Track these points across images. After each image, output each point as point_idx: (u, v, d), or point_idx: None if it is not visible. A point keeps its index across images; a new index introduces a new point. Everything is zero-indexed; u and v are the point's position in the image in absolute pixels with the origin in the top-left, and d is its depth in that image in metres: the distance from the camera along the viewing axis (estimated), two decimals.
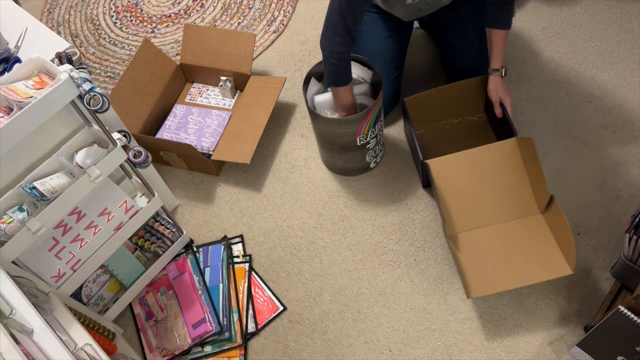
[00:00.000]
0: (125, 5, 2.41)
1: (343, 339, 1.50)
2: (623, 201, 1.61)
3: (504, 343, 1.44)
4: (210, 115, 1.91)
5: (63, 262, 1.35)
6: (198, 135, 1.86)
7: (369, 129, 1.56)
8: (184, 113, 1.93)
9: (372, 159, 1.72)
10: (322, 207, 1.72)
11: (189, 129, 1.88)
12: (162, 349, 1.52)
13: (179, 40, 2.24)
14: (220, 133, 1.86)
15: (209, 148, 1.82)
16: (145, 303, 1.60)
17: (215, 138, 1.84)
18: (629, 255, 1.31)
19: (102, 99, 1.17)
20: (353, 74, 1.60)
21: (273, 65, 2.09)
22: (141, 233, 1.63)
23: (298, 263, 1.63)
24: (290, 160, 1.84)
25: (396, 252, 1.61)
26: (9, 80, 1.15)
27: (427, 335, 1.47)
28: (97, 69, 2.20)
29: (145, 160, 1.38)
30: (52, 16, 2.43)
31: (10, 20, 1.55)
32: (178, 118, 1.92)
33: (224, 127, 1.87)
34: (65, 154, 1.24)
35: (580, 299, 1.47)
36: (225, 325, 1.53)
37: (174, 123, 1.91)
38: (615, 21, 2.00)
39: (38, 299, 1.21)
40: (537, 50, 1.96)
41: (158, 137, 1.88)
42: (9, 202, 1.17)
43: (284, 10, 2.26)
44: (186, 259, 1.65)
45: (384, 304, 1.53)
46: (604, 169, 1.67)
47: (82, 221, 1.37)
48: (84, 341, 1.17)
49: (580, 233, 1.57)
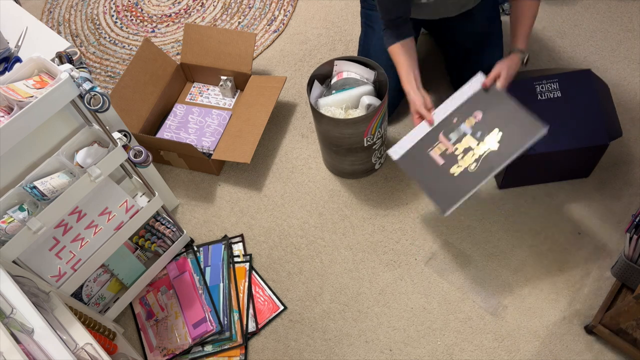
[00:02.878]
0: (126, 5, 2.41)
1: (343, 339, 1.50)
2: (623, 200, 1.61)
3: (504, 343, 1.44)
4: (210, 114, 1.91)
5: (63, 261, 1.35)
6: (198, 134, 1.86)
7: (376, 129, 1.55)
8: (184, 112, 1.93)
9: (377, 160, 1.72)
10: (323, 207, 1.72)
11: (189, 129, 1.88)
12: (162, 348, 1.52)
13: (179, 39, 2.24)
14: (220, 132, 1.86)
15: (210, 147, 1.82)
16: (145, 302, 1.60)
17: (216, 137, 1.85)
18: (629, 254, 1.31)
19: (102, 98, 1.17)
20: (356, 75, 1.60)
21: (273, 65, 2.09)
22: (142, 232, 1.63)
23: (298, 262, 1.63)
24: (290, 159, 1.84)
25: (396, 252, 1.61)
26: (10, 80, 1.15)
27: (427, 335, 1.47)
28: (98, 69, 2.20)
29: (146, 159, 1.38)
30: (53, 16, 2.43)
31: (10, 20, 1.55)
32: (178, 117, 1.92)
33: (224, 126, 1.88)
34: (66, 154, 1.24)
35: (580, 298, 1.47)
36: (225, 325, 1.53)
37: (175, 122, 1.91)
38: (616, 20, 2.00)
39: (39, 298, 1.21)
40: (538, 50, 1.96)
41: (158, 136, 1.88)
42: (10, 202, 1.17)
43: (284, 9, 2.26)
44: (187, 259, 1.65)
45: (384, 303, 1.53)
46: (604, 168, 1.67)
47: (83, 221, 1.37)
48: (84, 341, 1.17)
49: (581, 232, 1.57)
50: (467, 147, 1.39)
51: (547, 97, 1.49)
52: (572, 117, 1.48)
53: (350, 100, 1.57)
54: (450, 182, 1.37)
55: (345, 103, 1.58)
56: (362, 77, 1.60)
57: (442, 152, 1.40)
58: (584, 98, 1.48)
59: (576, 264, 1.53)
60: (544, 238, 1.58)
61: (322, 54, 2.07)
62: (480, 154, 1.37)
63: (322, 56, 2.06)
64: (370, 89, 1.58)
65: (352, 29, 2.13)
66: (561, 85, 1.50)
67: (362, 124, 1.51)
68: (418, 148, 1.43)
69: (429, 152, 1.42)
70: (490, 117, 1.38)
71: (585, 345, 1.41)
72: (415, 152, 1.44)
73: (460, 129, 1.40)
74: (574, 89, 1.49)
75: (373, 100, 1.56)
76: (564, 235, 1.57)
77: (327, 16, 2.20)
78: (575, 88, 1.49)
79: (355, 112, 1.58)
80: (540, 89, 1.50)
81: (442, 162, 1.40)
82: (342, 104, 1.58)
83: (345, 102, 1.57)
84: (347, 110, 1.59)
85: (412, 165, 1.43)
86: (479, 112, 1.40)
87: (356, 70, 1.60)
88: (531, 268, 1.53)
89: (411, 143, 1.44)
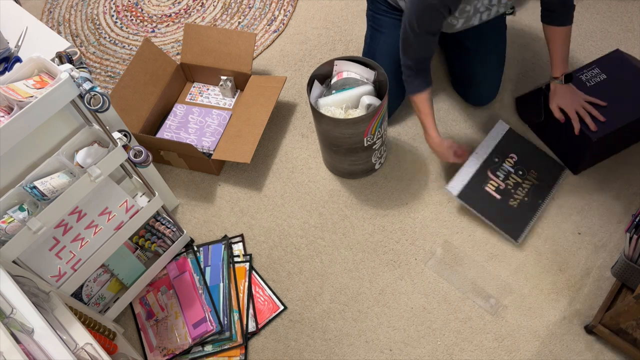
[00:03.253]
0: (126, 5, 2.41)
1: (343, 338, 1.50)
2: (624, 200, 1.61)
3: (505, 343, 1.44)
4: (210, 114, 1.91)
5: (64, 261, 1.35)
6: (199, 134, 1.86)
7: (376, 128, 1.55)
8: (184, 112, 1.93)
9: (377, 160, 1.72)
10: (323, 207, 1.72)
11: (189, 129, 1.88)
12: (162, 348, 1.52)
13: (179, 39, 2.24)
14: (220, 132, 1.86)
15: (210, 147, 1.82)
16: (145, 302, 1.60)
17: (216, 137, 1.85)
18: (629, 254, 1.31)
19: (102, 98, 1.17)
20: (355, 75, 1.59)
21: (273, 65, 2.09)
22: (142, 232, 1.63)
23: (298, 262, 1.63)
24: (290, 159, 1.84)
25: (396, 252, 1.61)
26: (10, 80, 1.15)
27: (427, 335, 1.47)
28: (98, 69, 2.20)
29: (146, 159, 1.38)
30: (53, 16, 2.43)
31: (10, 20, 1.55)
32: (179, 117, 1.92)
33: (224, 126, 1.88)
34: (66, 154, 1.24)
35: (580, 298, 1.47)
36: (225, 325, 1.53)
37: (175, 122, 1.91)
38: (616, 20, 2.00)
39: (39, 298, 1.21)
40: (538, 49, 1.96)
41: (158, 136, 1.88)
42: (10, 202, 1.17)
43: (284, 9, 2.26)
44: (187, 259, 1.65)
45: (384, 303, 1.53)
46: (604, 168, 1.67)
47: (83, 221, 1.37)
48: (84, 340, 1.17)
49: (581, 232, 1.57)
50: (516, 182, 1.62)
51: (595, 82, 1.60)
52: (626, 92, 1.58)
53: (350, 100, 1.57)
54: (514, 214, 1.59)
55: (345, 103, 1.58)
56: (362, 77, 1.60)
57: (497, 188, 1.61)
58: (628, 74, 1.61)
59: (576, 264, 1.53)
60: (544, 238, 1.58)
61: (322, 54, 2.07)
62: (528, 188, 1.62)
63: (322, 56, 2.06)
64: (370, 89, 1.58)
65: (352, 29, 2.13)
66: (602, 69, 1.63)
67: (362, 124, 1.51)
68: (473, 184, 1.61)
69: (485, 188, 1.61)
70: (523, 159, 1.66)
71: (585, 345, 1.41)
72: (471, 188, 1.61)
73: (504, 167, 1.64)
74: (615, 69, 1.63)
75: (373, 100, 1.56)
76: (564, 235, 1.57)
77: (327, 16, 2.20)
78: (615, 68, 1.63)
79: (355, 112, 1.58)
80: (585, 77, 1.61)
81: (499, 197, 1.60)
82: (342, 103, 1.58)
83: (345, 102, 1.57)
84: (347, 110, 1.59)
85: (473, 200, 1.60)
86: (513, 155, 1.66)
87: (356, 70, 1.60)
88: (531, 268, 1.53)
89: (465, 179, 1.62)
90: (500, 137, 1.68)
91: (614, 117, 1.52)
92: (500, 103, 1.85)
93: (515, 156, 1.66)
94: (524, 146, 1.69)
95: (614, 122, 1.52)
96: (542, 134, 1.74)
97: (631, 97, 1.56)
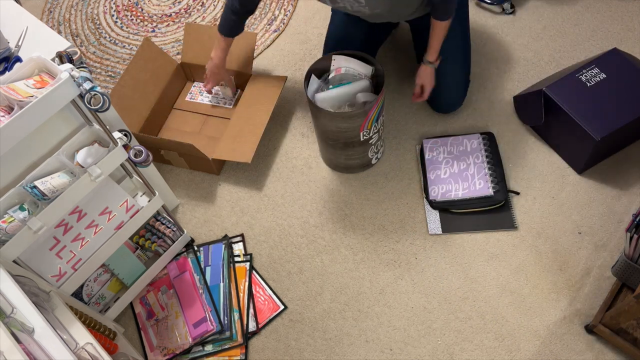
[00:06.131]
0: (126, 5, 2.41)
1: (344, 338, 1.50)
2: (624, 200, 1.61)
3: (505, 342, 1.44)
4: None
5: (64, 261, 1.35)
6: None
7: (372, 123, 1.56)
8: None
9: (374, 155, 1.72)
10: (323, 206, 1.72)
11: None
12: (162, 348, 1.52)
13: (179, 39, 2.24)
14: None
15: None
16: (146, 302, 1.60)
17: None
18: (630, 254, 1.31)
19: (102, 98, 1.17)
20: (353, 71, 1.60)
21: (274, 65, 2.09)
22: (142, 232, 1.63)
23: (299, 262, 1.63)
24: (291, 159, 1.84)
25: (397, 251, 1.61)
26: (10, 80, 1.15)
27: (428, 334, 1.47)
28: (98, 68, 2.20)
29: (146, 159, 1.38)
30: (53, 15, 2.43)
31: (10, 20, 1.55)
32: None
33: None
34: (66, 153, 1.25)
35: (581, 298, 1.47)
36: (226, 325, 1.53)
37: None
38: (617, 19, 2.00)
39: (39, 298, 1.21)
40: (539, 49, 1.96)
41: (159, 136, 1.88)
42: (10, 202, 1.17)
43: (284, 9, 2.25)
44: (187, 258, 1.65)
45: (384, 302, 1.53)
46: (604, 167, 1.67)
47: (83, 220, 1.37)
48: (85, 340, 1.18)
49: (581, 232, 1.57)
50: None
51: (595, 82, 1.60)
52: (627, 90, 1.58)
53: (347, 95, 1.58)
54: None
55: (342, 98, 1.58)
56: (359, 72, 1.61)
57: None
58: (627, 72, 1.61)
59: (576, 264, 1.53)
60: (544, 238, 1.58)
61: (322, 54, 2.07)
62: None
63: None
64: (367, 84, 1.59)
65: None
66: (601, 68, 1.62)
67: (358, 118, 1.51)
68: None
69: None
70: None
71: (585, 344, 1.41)
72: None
73: None
74: (613, 68, 1.62)
75: (368, 97, 1.57)
76: (564, 235, 1.57)
77: (328, 15, 2.19)
78: (614, 67, 1.62)
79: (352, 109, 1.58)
80: (585, 78, 1.61)
81: None
82: (339, 98, 1.58)
83: (342, 96, 1.58)
84: (342, 109, 1.59)
85: None
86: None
87: (354, 65, 1.60)
88: (531, 268, 1.53)
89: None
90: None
91: (616, 116, 1.53)
92: (493, 106, 1.84)
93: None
94: None
95: (616, 121, 1.52)
96: (544, 134, 1.74)
97: (632, 95, 1.57)
